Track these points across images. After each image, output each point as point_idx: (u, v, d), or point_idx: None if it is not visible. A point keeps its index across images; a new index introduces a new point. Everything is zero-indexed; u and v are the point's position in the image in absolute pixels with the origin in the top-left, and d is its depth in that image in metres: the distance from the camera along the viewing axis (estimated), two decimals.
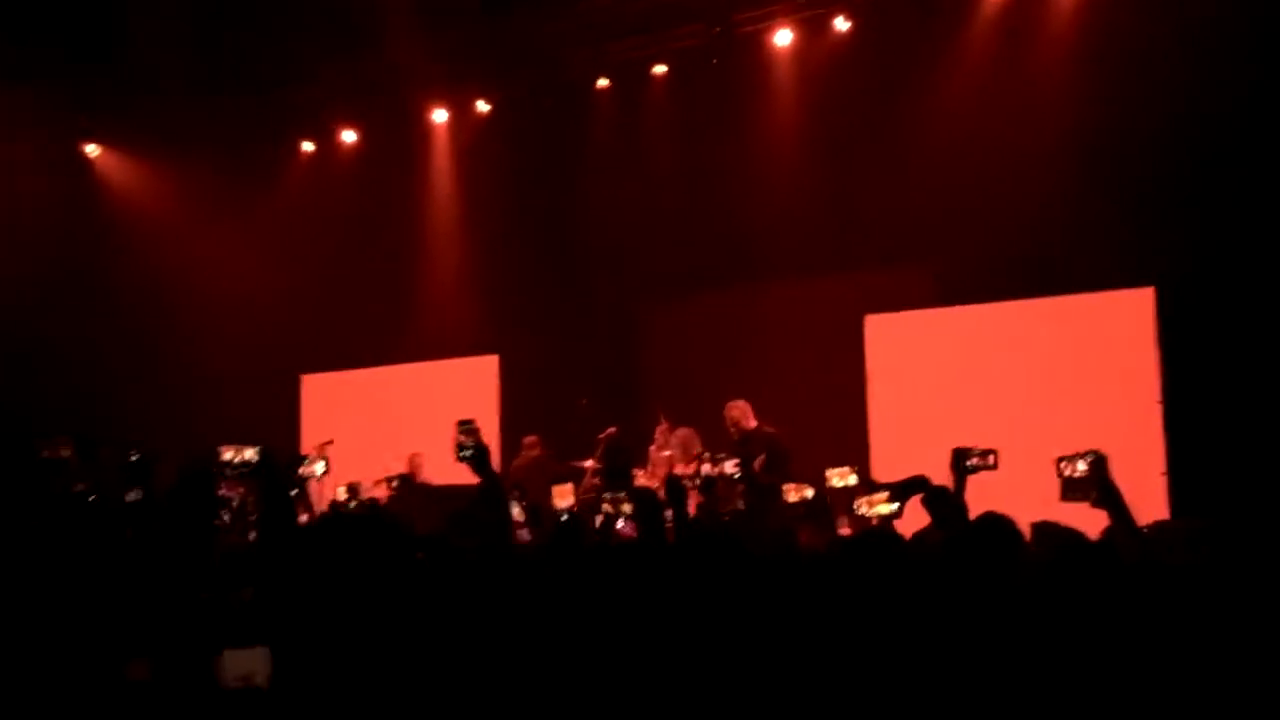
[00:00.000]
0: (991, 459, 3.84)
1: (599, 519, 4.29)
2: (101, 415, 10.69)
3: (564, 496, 4.82)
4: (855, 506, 4.70)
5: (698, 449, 8.19)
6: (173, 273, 11.97)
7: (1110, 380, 8.48)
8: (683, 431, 8.54)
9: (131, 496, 4.44)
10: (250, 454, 3.84)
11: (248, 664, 2.31)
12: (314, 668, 2.23)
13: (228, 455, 3.89)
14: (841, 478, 4.76)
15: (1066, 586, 2.31)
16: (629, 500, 4.15)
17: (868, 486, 4.59)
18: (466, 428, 3.99)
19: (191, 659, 2.44)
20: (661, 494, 4.72)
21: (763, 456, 7.76)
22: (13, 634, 2.57)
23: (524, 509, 4.76)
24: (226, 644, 2.38)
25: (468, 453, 3.91)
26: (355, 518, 4.07)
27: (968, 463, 3.89)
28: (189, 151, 11.82)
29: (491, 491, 3.91)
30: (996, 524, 3.04)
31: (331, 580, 2.41)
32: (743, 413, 8.36)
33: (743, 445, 7.93)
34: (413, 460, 9.55)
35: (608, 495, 4.23)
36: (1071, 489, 3.59)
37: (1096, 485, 3.47)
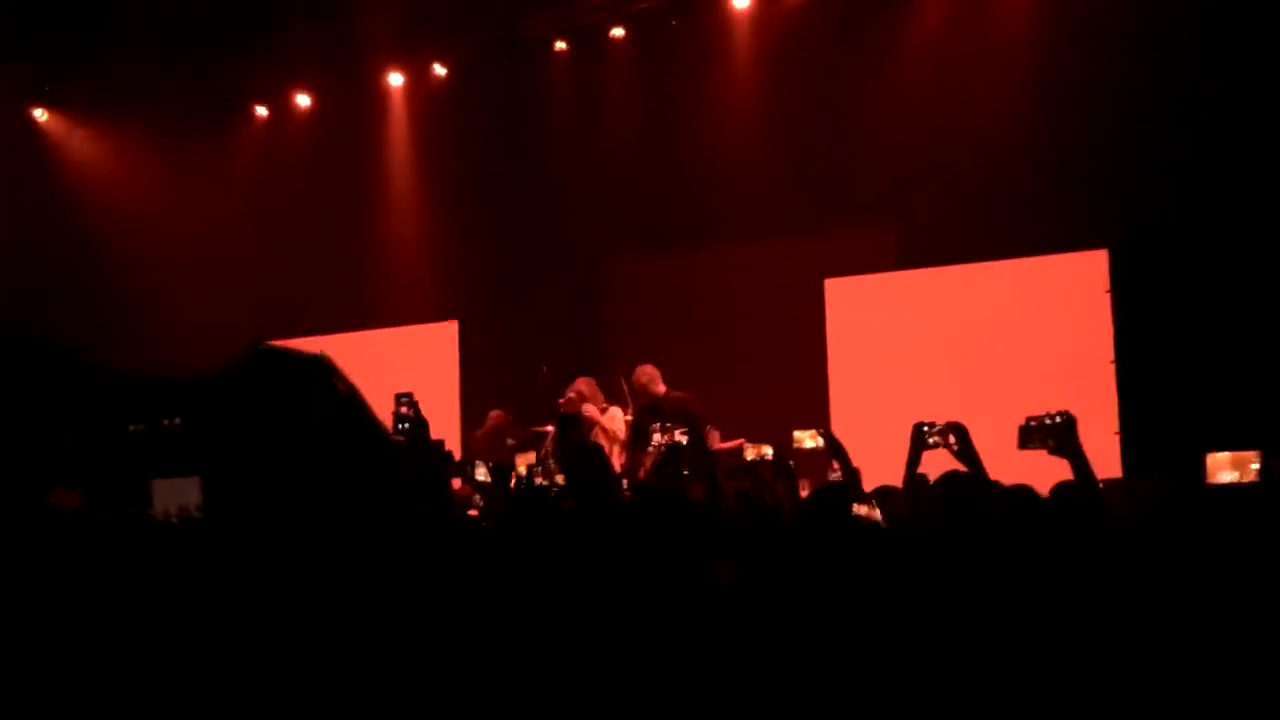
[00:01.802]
0: (951, 438, 3.85)
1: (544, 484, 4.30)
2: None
3: (526, 463, 4.82)
4: (795, 440, 4.75)
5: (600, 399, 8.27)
6: (124, 240, 11.80)
7: (1065, 341, 8.60)
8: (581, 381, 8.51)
9: None
10: None
11: (179, 495, 2.28)
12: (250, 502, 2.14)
13: None
14: (812, 439, 4.78)
15: (1029, 541, 2.35)
16: (561, 470, 4.14)
17: (834, 449, 4.61)
18: (404, 399, 3.97)
19: (123, 489, 2.37)
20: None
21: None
22: None
23: (488, 475, 4.77)
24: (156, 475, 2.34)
25: (406, 425, 3.91)
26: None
27: (927, 439, 3.91)
28: (140, 116, 11.63)
29: (429, 465, 3.89)
30: (957, 482, 3.08)
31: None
32: (651, 378, 8.33)
33: (652, 412, 7.89)
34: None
35: (539, 467, 4.22)
36: (1029, 436, 3.61)
37: (1057, 435, 3.49)
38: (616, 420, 8.40)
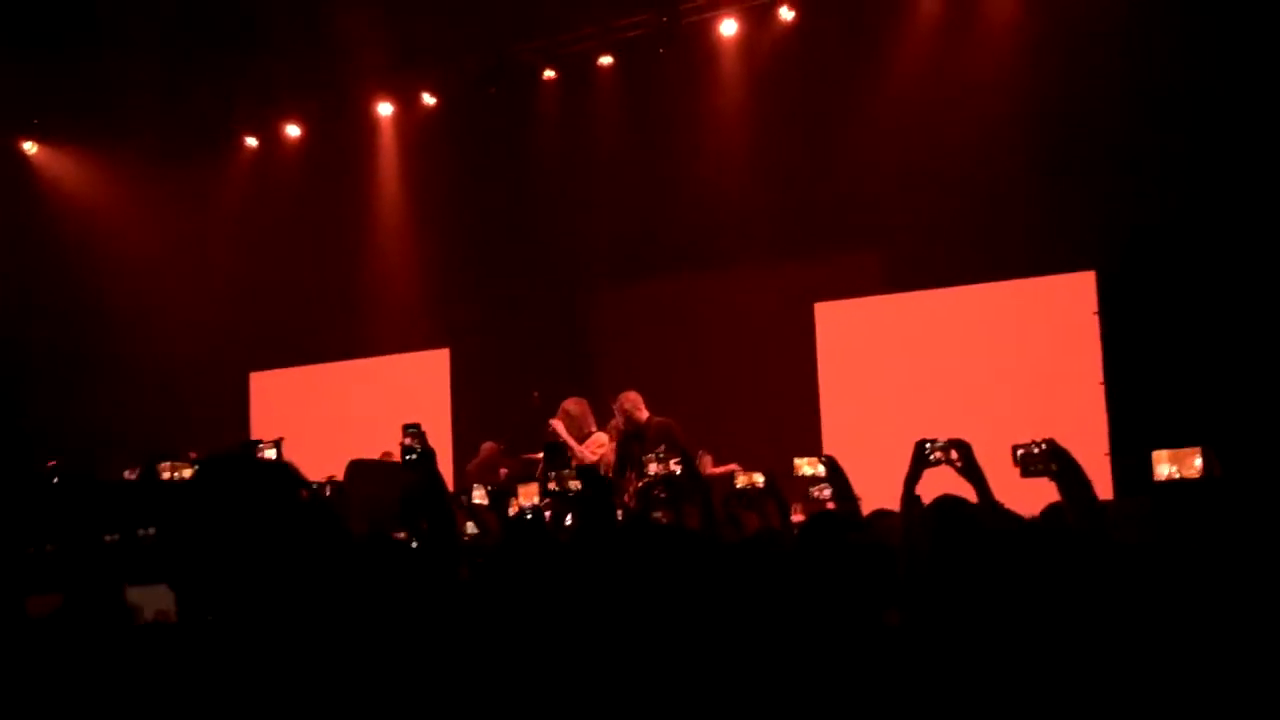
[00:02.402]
0: (954, 454, 3.86)
1: (548, 513, 4.29)
2: (45, 416, 10.55)
3: (529, 496, 4.78)
4: (795, 467, 4.74)
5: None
6: (116, 271, 11.79)
7: (1054, 363, 8.64)
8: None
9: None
10: (188, 473, 3.75)
11: (153, 601, 2.41)
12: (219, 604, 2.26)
13: (166, 474, 3.80)
14: (811, 466, 4.77)
15: (1026, 566, 2.36)
16: (575, 478, 4.12)
17: (834, 477, 4.59)
18: (413, 431, 4.01)
19: (101, 594, 2.51)
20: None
21: (661, 447, 7.68)
22: None
23: (485, 498, 4.76)
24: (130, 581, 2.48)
25: (413, 456, 3.93)
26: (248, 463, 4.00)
27: (929, 456, 3.90)
28: (129, 147, 11.65)
29: (435, 495, 3.91)
30: (951, 506, 3.08)
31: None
32: (634, 404, 8.31)
33: (635, 438, 7.87)
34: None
35: (552, 474, 4.19)
36: (1030, 464, 3.65)
37: (1056, 459, 3.54)
38: (601, 446, 8.40)
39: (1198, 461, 3.19)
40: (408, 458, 3.95)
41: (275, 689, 2.06)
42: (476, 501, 4.93)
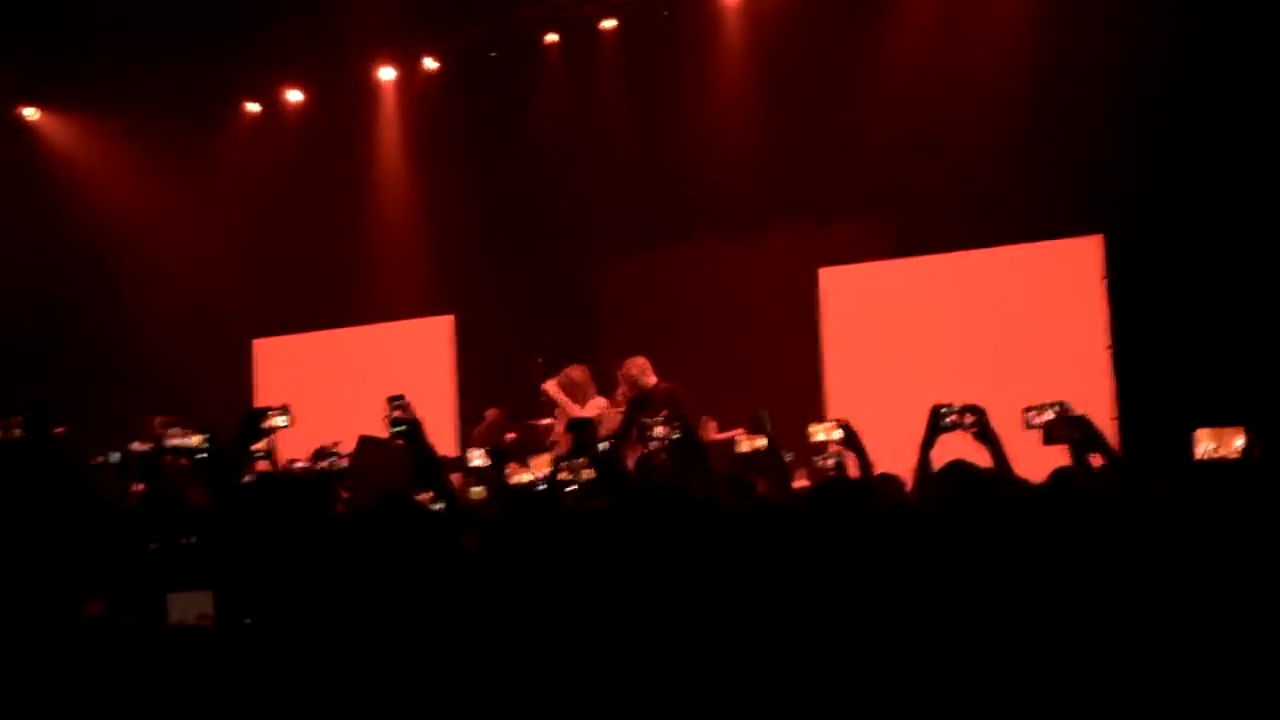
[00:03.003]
0: (969, 418, 3.85)
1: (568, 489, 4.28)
2: (49, 383, 10.55)
3: (540, 467, 4.75)
4: (810, 433, 4.71)
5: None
6: (119, 238, 11.78)
7: (1061, 327, 8.60)
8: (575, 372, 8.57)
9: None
10: (197, 440, 3.78)
11: (193, 606, 2.56)
12: (255, 611, 2.50)
13: (174, 440, 3.83)
14: (826, 432, 4.74)
15: (1051, 526, 2.35)
16: (590, 466, 4.13)
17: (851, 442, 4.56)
18: (398, 403, 4.02)
19: (143, 600, 2.69)
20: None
21: (665, 412, 7.68)
22: None
23: (486, 459, 4.76)
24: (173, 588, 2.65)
25: (401, 428, 3.95)
26: (282, 482, 4.13)
27: (945, 420, 3.90)
28: (131, 114, 11.60)
29: (428, 465, 3.93)
30: (964, 472, 3.08)
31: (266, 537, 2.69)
32: (641, 369, 8.31)
33: (642, 403, 7.88)
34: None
35: (565, 463, 4.21)
36: (1054, 431, 3.71)
37: (1078, 425, 3.58)
38: (601, 409, 8.41)
39: (1239, 442, 3.19)
40: (395, 429, 3.97)
41: (306, 685, 2.22)
42: (476, 464, 4.92)
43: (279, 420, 4.22)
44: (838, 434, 4.60)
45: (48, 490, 3.39)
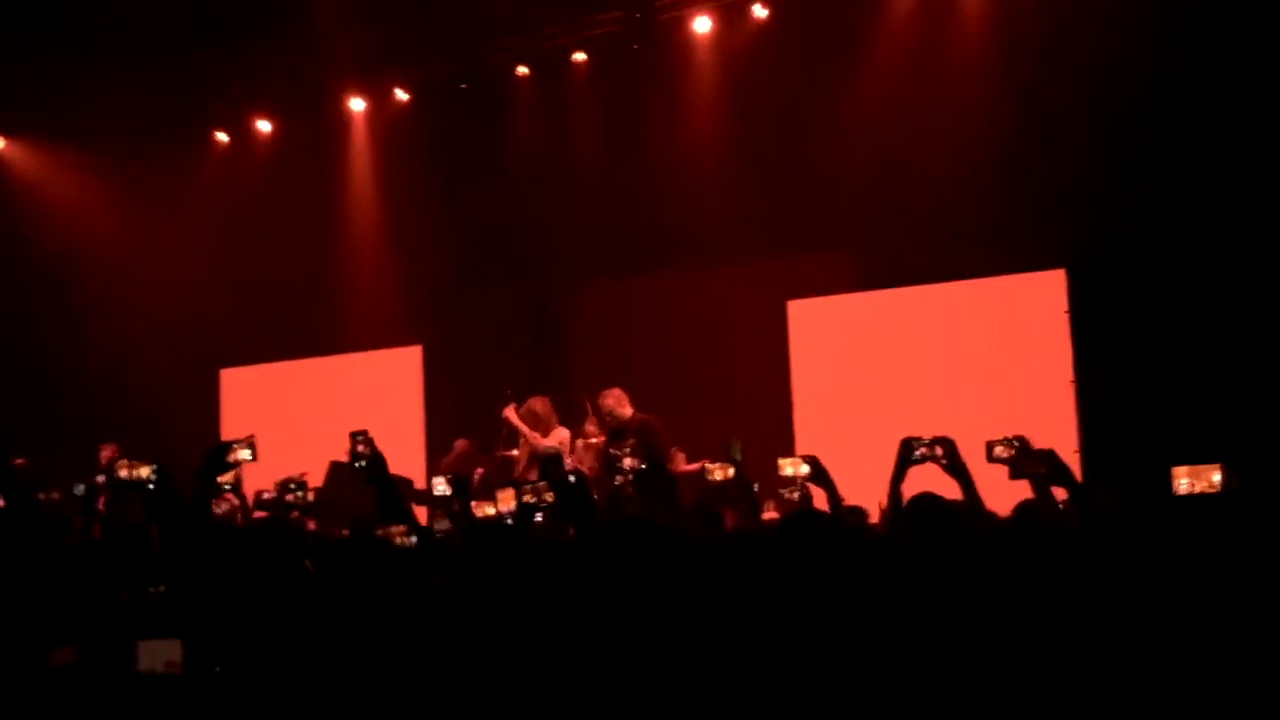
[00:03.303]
0: (939, 450, 3.89)
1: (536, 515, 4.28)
2: (12, 414, 10.43)
3: (506, 501, 4.74)
4: (779, 467, 4.73)
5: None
6: (86, 267, 11.69)
7: (1025, 361, 8.70)
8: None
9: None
10: (146, 472, 3.76)
11: (162, 653, 2.61)
12: (223, 657, 2.57)
13: (123, 473, 3.80)
14: (793, 467, 4.75)
15: (1017, 559, 2.38)
16: (550, 489, 4.13)
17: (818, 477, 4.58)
18: (361, 437, 4.04)
19: (113, 648, 2.73)
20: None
21: (633, 441, 7.69)
22: None
23: (448, 487, 4.75)
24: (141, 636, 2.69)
25: (363, 462, 3.97)
26: (246, 531, 4.17)
27: (915, 453, 3.92)
28: (98, 142, 11.55)
29: (391, 500, 3.94)
30: (932, 504, 3.11)
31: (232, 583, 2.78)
32: (617, 400, 8.33)
33: (618, 434, 7.91)
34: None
35: (528, 486, 4.21)
36: (1020, 463, 3.76)
37: (1045, 459, 3.63)
38: (563, 441, 8.42)
39: (1216, 477, 3.29)
40: (358, 464, 3.99)
41: None
42: (439, 493, 4.90)
43: (243, 454, 4.19)
44: (804, 469, 4.62)
45: (10, 531, 3.37)
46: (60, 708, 2.64)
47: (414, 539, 3.11)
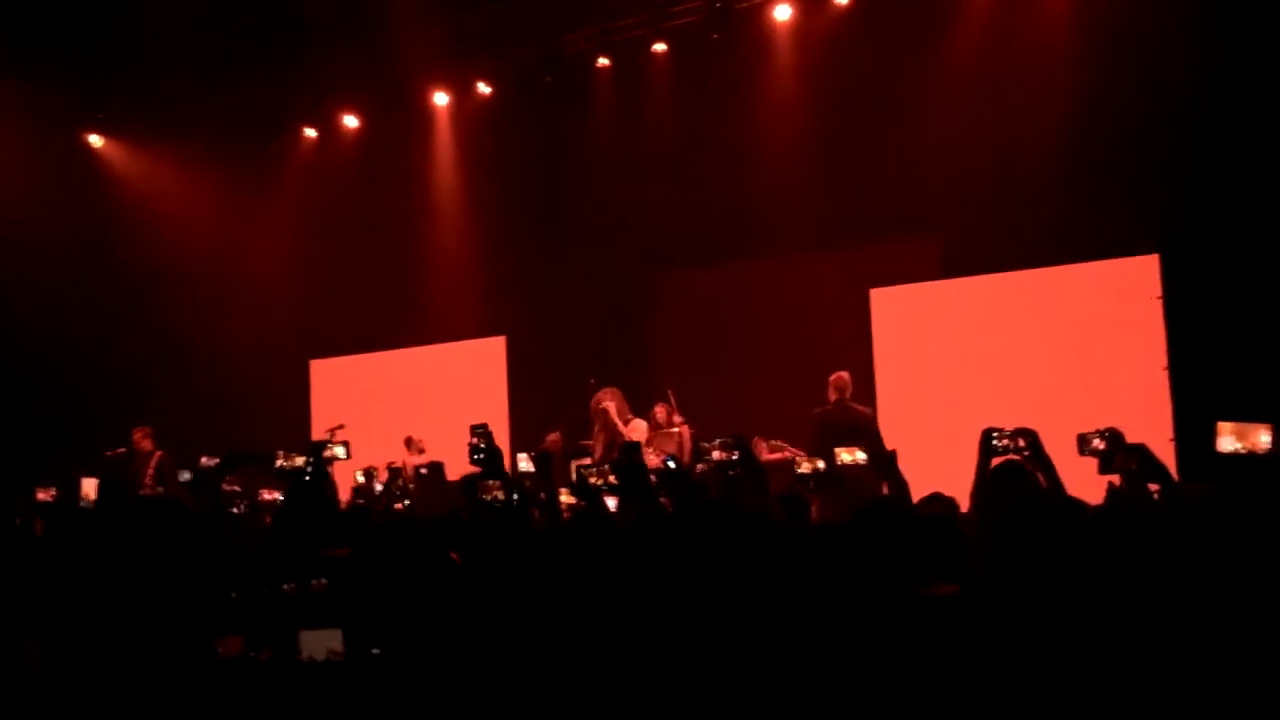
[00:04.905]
0: (1021, 442, 3.85)
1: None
2: (116, 406, 10.79)
3: (579, 466, 4.86)
4: (835, 456, 4.77)
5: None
6: (179, 262, 12.00)
7: (1117, 348, 8.52)
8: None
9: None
10: (300, 461, 4.05)
11: (323, 643, 2.81)
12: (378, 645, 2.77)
13: (280, 462, 4.08)
14: (849, 453, 4.78)
15: (1096, 545, 2.36)
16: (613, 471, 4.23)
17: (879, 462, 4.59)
18: (480, 431, 4.17)
19: (277, 637, 2.93)
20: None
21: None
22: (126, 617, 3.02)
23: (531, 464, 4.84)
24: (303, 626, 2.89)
25: (480, 455, 4.09)
26: (393, 527, 4.43)
27: (996, 444, 3.89)
28: (191, 141, 11.85)
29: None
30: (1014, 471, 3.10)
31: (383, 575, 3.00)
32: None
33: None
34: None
35: (593, 468, 4.31)
36: (1111, 458, 3.72)
37: (1136, 454, 3.59)
38: (640, 434, 8.42)
39: (1265, 438, 3.20)
40: (475, 457, 4.13)
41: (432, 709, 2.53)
42: (522, 469, 4.99)
43: (338, 452, 4.43)
44: (861, 456, 4.66)
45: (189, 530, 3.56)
46: (229, 695, 2.84)
47: (507, 494, 3.35)
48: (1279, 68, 7.84)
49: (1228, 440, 3.29)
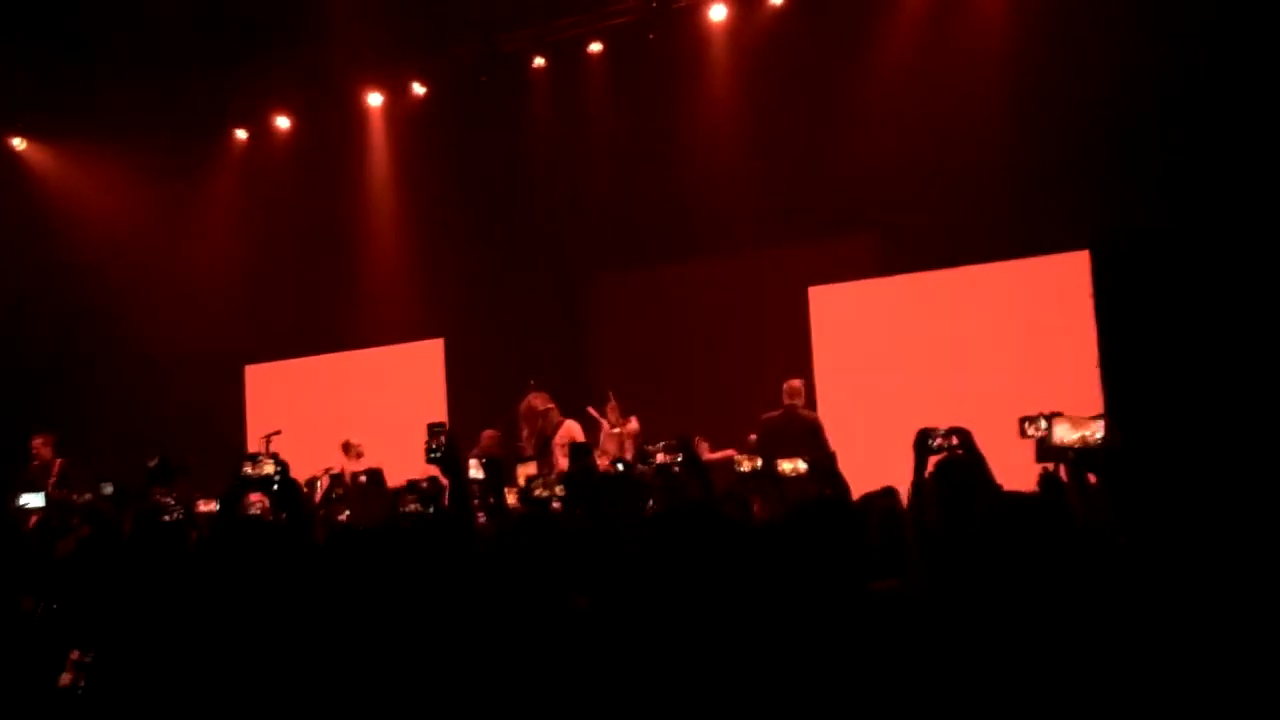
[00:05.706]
0: (955, 440, 3.88)
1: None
2: (45, 408, 10.52)
3: (526, 475, 4.85)
4: (776, 466, 4.80)
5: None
6: (108, 266, 11.75)
7: (1049, 344, 8.63)
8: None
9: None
10: (269, 468, 3.97)
11: None
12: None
13: (248, 470, 3.99)
14: (790, 463, 4.82)
15: (1025, 546, 2.37)
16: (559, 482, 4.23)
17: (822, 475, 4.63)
18: (436, 429, 4.12)
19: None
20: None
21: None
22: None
23: (480, 470, 4.81)
24: None
25: (437, 454, 4.04)
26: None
27: (931, 443, 3.92)
28: (120, 143, 11.60)
29: (459, 492, 4.03)
30: (952, 469, 3.12)
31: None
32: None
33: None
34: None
35: (539, 479, 4.31)
36: (1047, 452, 3.75)
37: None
38: (577, 434, 8.40)
39: (1098, 432, 3.28)
40: (432, 456, 4.09)
41: None
42: (473, 475, 4.95)
43: (267, 469, 4.32)
44: (802, 466, 4.72)
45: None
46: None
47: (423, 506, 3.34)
48: (1212, 68, 7.98)
49: (1063, 430, 3.36)
